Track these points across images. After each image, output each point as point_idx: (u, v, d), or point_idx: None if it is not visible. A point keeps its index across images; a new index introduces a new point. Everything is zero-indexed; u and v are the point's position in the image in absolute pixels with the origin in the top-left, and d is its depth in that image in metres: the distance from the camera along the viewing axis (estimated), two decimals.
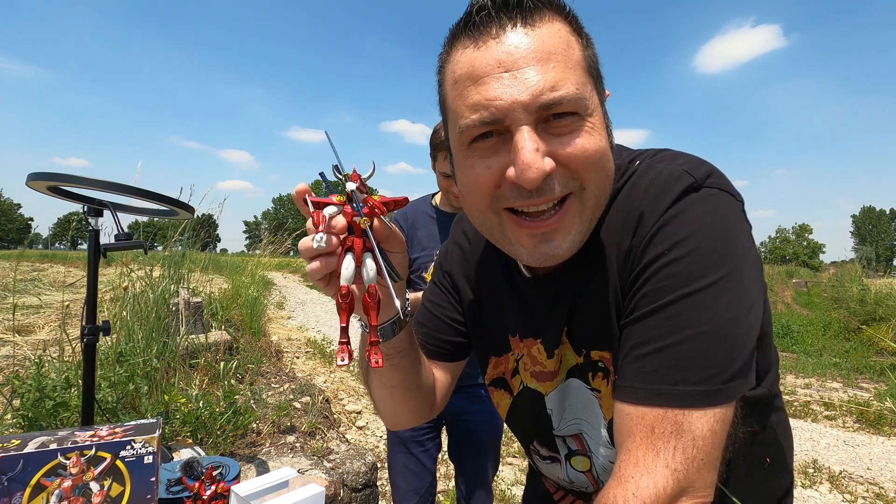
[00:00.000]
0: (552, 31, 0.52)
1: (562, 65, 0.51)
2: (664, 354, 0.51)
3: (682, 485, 0.48)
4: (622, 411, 0.53)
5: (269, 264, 6.76)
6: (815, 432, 4.02)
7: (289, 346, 5.79)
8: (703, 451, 0.48)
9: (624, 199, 0.59)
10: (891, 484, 3.12)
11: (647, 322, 0.53)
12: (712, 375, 0.49)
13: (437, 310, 0.83)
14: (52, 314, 4.32)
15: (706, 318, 0.50)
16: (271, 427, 2.12)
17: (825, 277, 17.42)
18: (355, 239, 0.53)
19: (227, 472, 1.33)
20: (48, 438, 0.91)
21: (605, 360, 0.63)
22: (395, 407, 0.76)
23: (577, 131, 0.52)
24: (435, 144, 1.60)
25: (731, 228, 0.53)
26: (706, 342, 0.50)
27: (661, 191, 0.56)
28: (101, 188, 1.19)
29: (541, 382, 0.72)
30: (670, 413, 0.49)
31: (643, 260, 0.55)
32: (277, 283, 13.70)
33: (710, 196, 0.54)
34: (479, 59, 0.52)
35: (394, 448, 1.76)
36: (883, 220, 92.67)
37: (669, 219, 0.54)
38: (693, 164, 0.57)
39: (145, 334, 2.42)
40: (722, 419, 0.49)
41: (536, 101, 0.50)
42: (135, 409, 1.91)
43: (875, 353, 7.02)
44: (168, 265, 3.06)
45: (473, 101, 0.52)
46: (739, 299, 0.51)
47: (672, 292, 0.51)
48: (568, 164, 0.53)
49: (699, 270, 0.51)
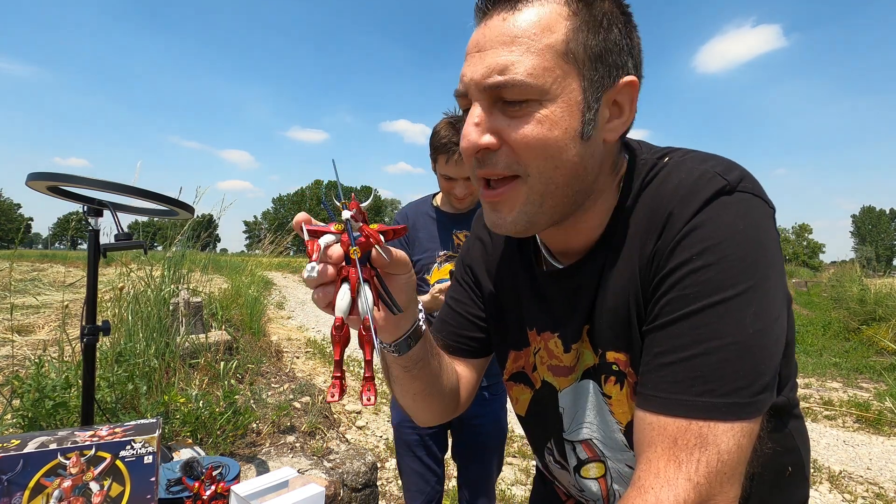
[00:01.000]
0: (532, 14, 0.53)
1: (522, 49, 0.52)
2: (690, 364, 0.49)
3: (703, 499, 0.46)
4: (644, 420, 0.52)
5: (269, 264, 6.77)
6: (815, 432, 4.02)
7: (289, 346, 5.79)
8: (728, 466, 0.47)
9: (652, 195, 0.58)
10: (891, 484, 3.12)
11: (672, 330, 0.51)
12: (740, 388, 0.48)
13: (460, 307, 0.83)
14: (51, 314, 4.31)
15: (734, 329, 0.49)
16: (271, 427, 2.12)
17: (825, 277, 17.42)
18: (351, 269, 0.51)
19: (227, 472, 1.33)
20: (48, 438, 0.91)
21: (619, 362, 0.62)
22: (420, 410, 0.77)
23: (525, 118, 0.53)
24: (435, 147, 1.60)
25: (762, 236, 0.52)
26: (734, 353, 0.48)
27: (692, 191, 0.54)
28: (101, 188, 1.19)
29: (556, 377, 0.71)
30: (694, 425, 0.48)
31: (669, 264, 0.53)
32: (277, 283, 13.70)
33: (743, 201, 0.53)
34: (473, 37, 0.57)
35: (400, 451, 1.76)
36: (883, 220, 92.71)
37: (699, 223, 0.52)
38: (726, 167, 0.55)
39: (145, 334, 2.42)
40: (749, 433, 0.48)
41: (484, 81, 0.53)
42: (135, 409, 1.91)
43: (875, 353, 7.02)
44: (168, 265, 3.06)
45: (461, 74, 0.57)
46: (767, 310, 0.50)
47: (699, 300, 0.50)
48: (511, 146, 0.55)
49: (728, 279, 0.49)
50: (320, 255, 0.50)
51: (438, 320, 0.85)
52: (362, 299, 0.51)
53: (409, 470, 1.73)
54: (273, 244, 5.88)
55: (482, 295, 0.82)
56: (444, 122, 1.59)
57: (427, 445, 1.72)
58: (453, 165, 1.55)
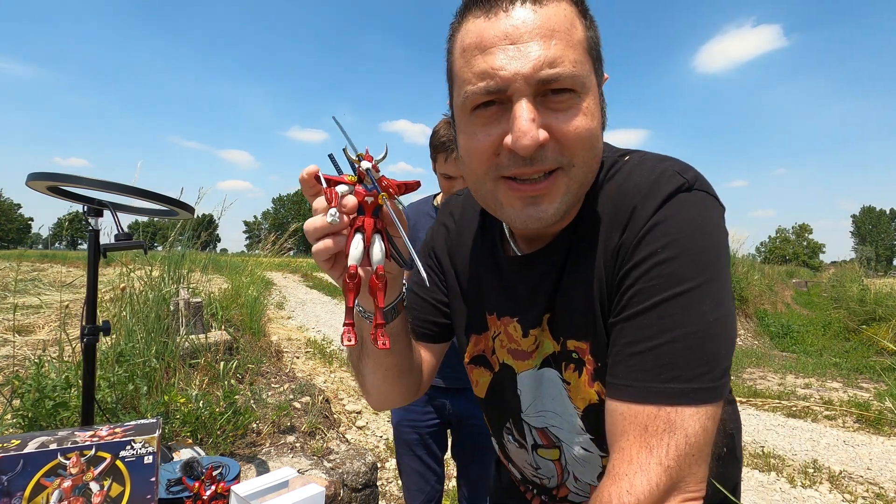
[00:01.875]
0: (558, 10, 0.55)
1: (563, 43, 0.54)
2: (657, 353, 0.52)
3: (674, 481, 0.49)
4: (615, 410, 0.54)
5: (269, 264, 6.76)
6: (815, 432, 4.02)
7: (289, 346, 5.78)
8: (696, 448, 0.50)
9: (615, 190, 0.61)
10: (891, 484, 3.12)
11: (639, 321, 0.54)
12: (703, 373, 0.51)
13: (423, 291, 0.85)
14: (51, 314, 4.31)
15: (696, 318, 0.52)
16: (271, 427, 2.12)
17: (825, 277, 17.42)
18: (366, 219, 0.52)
19: (227, 472, 1.33)
20: (48, 438, 0.91)
21: (580, 350, 0.64)
22: (386, 389, 0.77)
23: (571, 109, 0.55)
24: (435, 146, 1.60)
25: (718, 233, 0.56)
26: (696, 341, 0.51)
27: (654, 188, 0.57)
28: (101, 188, 1.19)
29: (516, 360, 0.74)
30: (663, 411, 0.50)
31: (635, 257, 0.56)
32: (277, 283, 13.69)
33: (700, 199, 0.56)
34: (488, 29, 0.55)
35: (400, 450, 1.76)
36: (883, 220, 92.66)
37: (663, 218, 0.55)
38: (682, 167, 0.59)
39: (145, 334, 2.42)
40: (713, 416, 0.51)
41: (536, 74, 0.52)
42: (135, 409, 1.91)
43: (875, 353, 7.02)
44: (168, 265, 3.06)
45: (480, 69, 0.55)
46: (723, 300, 0.53)
47: (663, 291, 0.53)
48: (560, 139, 0.55)
49: (690, 271, 0.53)
50: (338, 202, 0.50)
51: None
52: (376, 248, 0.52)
53: (409, 469, 1.73)
54: (273, 244, 5.87)
55: (445, 279, 0.83)
56: (444, 121, 1.59)
57: (427, 444, 1.72)
58: (453, 164, 1.55)
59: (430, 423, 1.72)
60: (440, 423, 1.74)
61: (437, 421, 1.72)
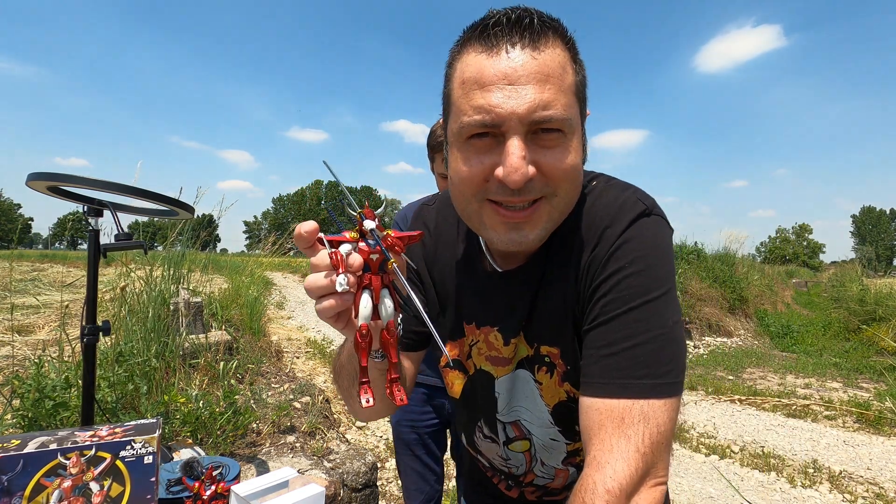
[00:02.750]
0: (553, 55, 0.60)
1: (556, 88, 0.59)
2: (630, 353, 0.59)
3: (648, 466, 0.55)
4: (591, 406, 0.60)
5: (269, 264, 6.77)
6: (815, 432, 4.03)
7: (289, 346, 5.79)
8: (665, 436, 0.57)
9: (586, 213, 0.69)
10: (891, 484, 3.12)
11: (613, 325, 0.61)
12: (669, 370, 0.59)
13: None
14: (51, 314, 4.32)
15: (660, 323, 0.60)
16: (271, 427, 2.12)
17: (825, 277, 17.43)
18: (373, 276, 0.52)
19: (227, 472, 1.33)
20: (48, 438, 0.91)
21: (552, 355, 0.73)
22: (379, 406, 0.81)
23: (559, 147, 0.61)
24: (432, 146, 1.59)
25: (670, 251, 0.66)
26: (662, 343, 0.60)
27: (620, 212, 0.66)
28: (101, 188, 1.19)
29: (494, 366, 0.79)
30: (637, 404, 0.57)
31: (605, 272, 0.64)
32: (277, 283, 13.70)
33: (656, 222, 0.66)
34: (488, 68, 0.59)
35: (399, 450, 1.76)
36: (883, 220, 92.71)
37: (629, 238, 0.64)
38: (642, 194, 0.68)
39: (145, 334, 2.43)
40: (676, 407, 0.59)
41: (530, 115, 0.58)
42: (135, 409, 1.91)
43: (875, 353, 7.02)
44: (168, 265, 3.06)
45: (478, 104, 0.59)
46: (677, 308, 0.63)
47: (633, 300, 0.61)
48: (547, 174, 0.61)
49: (653, 283, 0.61)
50: (345, 264, 0.49)
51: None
52: (385, 305, 0.53)
53: (409, 469, 1.73)
54: (273, 244, 5.88)
55: (424, 290, 0.87)
56: (441, 122, 1.59)
57: (426, 444, 1.72)
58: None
59: (429, 422, 1.72)
60: (439, 423, 1.74)
61: (435, 421, 1.73)
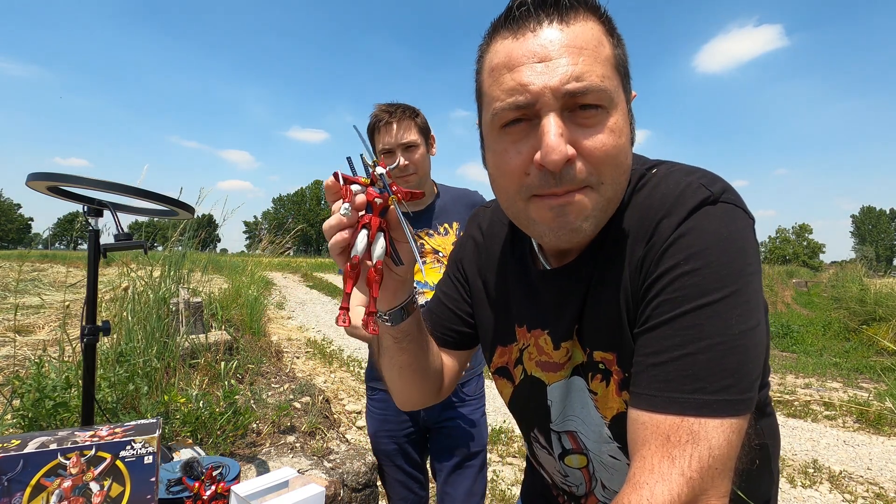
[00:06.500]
0: (585, 28, 0.56)
1: (591, 58, 0.54)
2: (680, 364, 0.51)
3: (696, 493, 0.48)
4: (637, 419, 0.54)
5: (269, 264, 6.77)
6: (815, 432, 4.02)
7: (289, 346, 5.79)
8: (719, 461, 0.49)
9: (641, 204, 0.61)
10: (891, 484, 3.12)
11: (663, 331, 0.54)
12: (728, 385, 0.50)
13: (448, 300, 0.87)
14: (52, 314, 4.32)
15: (720, 330, 0.51)
16: (271, 427, 2.12)
17: (825, 277, 17.41)
18: (372, 217, 0.58)
19: (227, 472, 1.33)
20: (48, 438, 0.91)
21: (606, 361, 0.65)
22: (403, 387, 0.81)
23: (600, 125, 0.55)
24: (370, 130, 1.58)
25: (744, 244, 0.55)
26: (721, 353, 0.51)
27: (678, 201, 0.57)
28: (101, 188, 1.19)
29: (545, 372, 0.73)
30: (686, 421, 0.50)
31: (658, 269, 0.56)
32: (277, 283, 13.71)
33: (726, 211, 0.56)
34: (516, 49, 0.56)
35: (380, 460, 1.75)
36: (883, 220, 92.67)
37: (686, 231, 0.55)
38: (710, 179, 0.59)
39: (145, 334, 2.42)
40: (738, 429, 0.50)
41: (563, 87, 0.53)
42: (135, 409, 1.91)
43: (875, 353, 7.02)
44: (168, 265, 3.06)
45: (508, 86, 0.56)
46: (750, 313, 0.52)
47: (687, 303, 0.53)
48: (587, 156, 0.55)
49: (713, 283, 0.52)
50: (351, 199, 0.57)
51: (427, 310, 0.89)
52: (378, 245, 0.59)
53: (392, 480, 1.71)
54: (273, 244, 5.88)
55: (471, 291, 0.85)
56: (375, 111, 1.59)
57: (406, 453, 1.70)
58: (390, 132, 1.53)
59: (406, 431, 1.70)
60: (416, 431, 1.72)
61: (413, 429, 1.70)
